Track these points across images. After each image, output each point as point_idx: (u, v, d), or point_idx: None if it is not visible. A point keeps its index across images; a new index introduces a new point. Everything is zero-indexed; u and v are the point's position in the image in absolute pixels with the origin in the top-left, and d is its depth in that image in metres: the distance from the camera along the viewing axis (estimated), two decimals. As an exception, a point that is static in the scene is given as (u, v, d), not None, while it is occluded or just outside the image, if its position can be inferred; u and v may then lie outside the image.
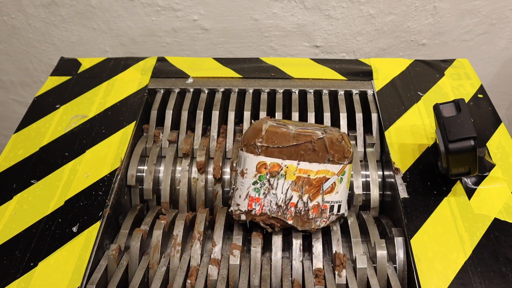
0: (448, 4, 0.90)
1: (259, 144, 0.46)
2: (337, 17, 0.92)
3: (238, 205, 0.48)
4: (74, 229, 0.47)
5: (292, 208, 0.46)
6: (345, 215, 0.50)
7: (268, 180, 0.46)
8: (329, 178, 0.46)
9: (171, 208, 0.57)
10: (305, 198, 0.46)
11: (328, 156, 0.46)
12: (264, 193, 0.46)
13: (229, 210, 0.50)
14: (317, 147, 0.46)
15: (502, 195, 0.50)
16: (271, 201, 0.46)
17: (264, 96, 0.63)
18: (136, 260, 0.47)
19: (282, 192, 0.46)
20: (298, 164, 0.46)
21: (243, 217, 0.48)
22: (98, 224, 0.48)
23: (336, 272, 0.46)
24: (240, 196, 0.48)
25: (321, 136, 0.46)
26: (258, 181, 0.47)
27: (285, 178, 0.46)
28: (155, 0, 0.90)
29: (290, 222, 0.46)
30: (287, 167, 0.46)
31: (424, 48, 0.99)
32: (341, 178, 0.47)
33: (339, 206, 0.48)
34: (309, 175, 0.46)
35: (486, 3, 0.91)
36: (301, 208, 0.46)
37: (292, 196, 0.46)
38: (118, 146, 0.56)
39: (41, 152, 0.56)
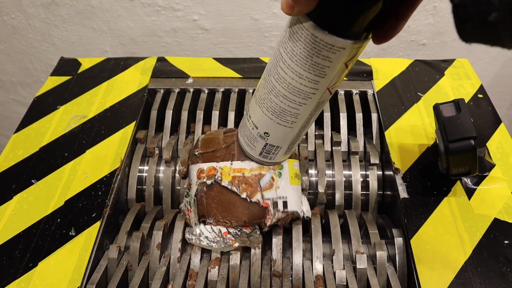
0: (448, 4, 0.90)
1: (196, 153, 0.49)
2: (337, 17, 0.92)
3: None
4: (74, 229, 0.47)
5: None
6: (304, 214, 0.48)
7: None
8: (265, 174, 0.46)
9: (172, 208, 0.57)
10: (244, 196, 0.46)
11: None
12: None
13: None
14: None
15: (502, 195, 0.50)
16: None
17: (264, 96, 0.63)
18: (136, 260, 0.47)
19: None
20: (231, 164, 0.46)
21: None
22: (98, 224, 0.48)
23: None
24: None
25: None
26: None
27: (221, 179, 0.46)
28: (155, 0, 0.90)
29: None
30: (221, 169, 0.46)
31: (424, 48, 0.99)
32: (280, 173, 0.47)
33: (285, 203, 0.46)
34: (243, 173, 0.46)
35: (486, 3, 0.91)
36: None
37: None
38: (118, 146, 0.56)
39: (41, 152, 0.56)
